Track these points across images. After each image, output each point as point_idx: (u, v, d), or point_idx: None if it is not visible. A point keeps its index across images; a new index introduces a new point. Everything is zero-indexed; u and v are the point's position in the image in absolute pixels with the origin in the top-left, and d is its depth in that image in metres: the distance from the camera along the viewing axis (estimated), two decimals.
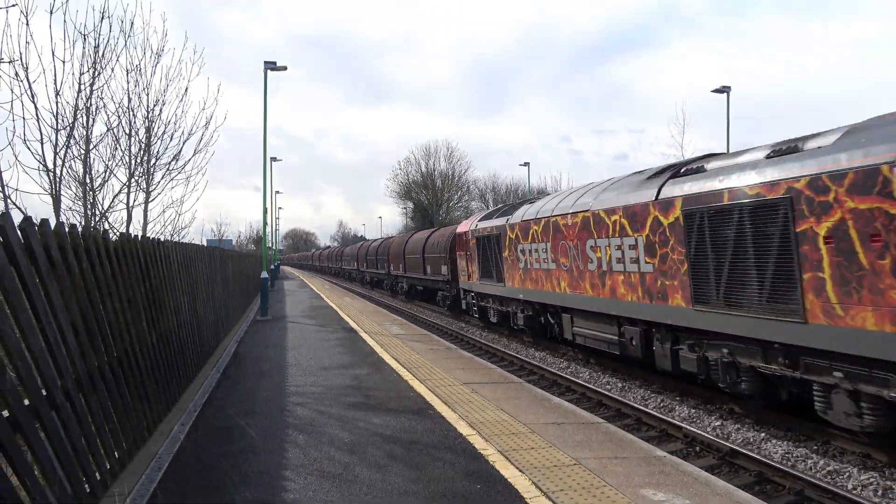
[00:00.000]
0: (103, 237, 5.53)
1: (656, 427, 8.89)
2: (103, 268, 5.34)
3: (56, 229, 4.50)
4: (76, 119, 9.57)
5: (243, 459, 5.61)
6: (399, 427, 6.67)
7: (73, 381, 4.35)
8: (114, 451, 5.06)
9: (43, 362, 3.88)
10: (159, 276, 7.46)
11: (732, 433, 8.52)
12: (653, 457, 5.89)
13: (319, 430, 6.60)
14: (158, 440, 6.18)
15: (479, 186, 71.54)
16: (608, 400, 10.32)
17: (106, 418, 4.96)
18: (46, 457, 3.73)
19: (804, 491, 6.42)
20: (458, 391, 8.50)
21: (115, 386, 5.24)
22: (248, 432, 6.50)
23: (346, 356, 11.58)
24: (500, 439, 6.22)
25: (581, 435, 6.52)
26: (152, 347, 6.72)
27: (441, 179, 69.19)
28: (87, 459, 4.39)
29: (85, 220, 10.05)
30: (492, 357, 14.94)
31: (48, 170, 9.08)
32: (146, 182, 11.84)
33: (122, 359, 5.55)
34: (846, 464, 7.18)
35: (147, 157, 11.74)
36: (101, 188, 10.64)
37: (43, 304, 4.01)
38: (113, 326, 5.42)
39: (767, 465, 6.99)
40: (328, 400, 8.01)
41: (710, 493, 4.89)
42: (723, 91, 28.34)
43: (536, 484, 4.98)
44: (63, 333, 4.29)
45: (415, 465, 5.43)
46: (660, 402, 10.33)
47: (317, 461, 5.55)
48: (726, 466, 7.34)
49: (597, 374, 12.78)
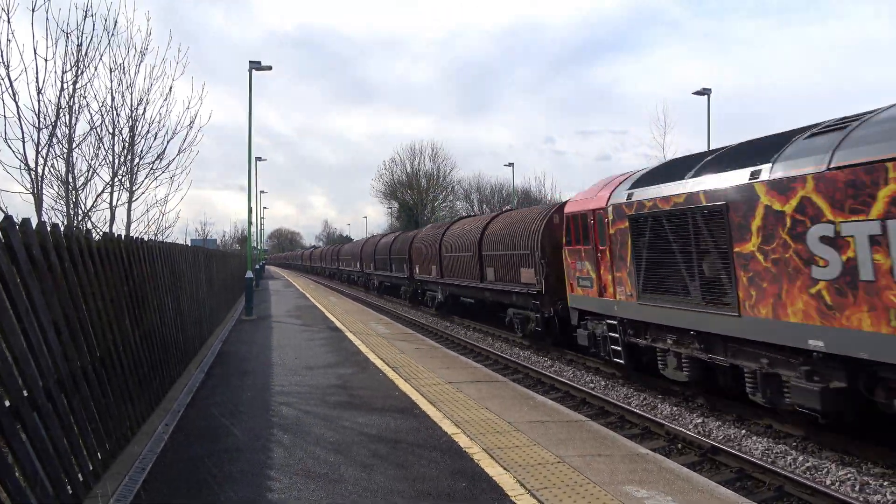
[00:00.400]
0: (86, 237, 5.49)
1: (639, 425, 8.97)
2: (86, 267, 5.30)
3: (38, 229, 4.46)
4: (59, 117, 9.47)
5: (228, 459, 5.59)
6: (384, 426, 6.68)
7: (55, 381, 4.32)
8: (97, 451, 5.02)
9: (24, 362, 3.85)
10: (143, 275, 7.41)
11: (714, 430, 8.63)
12: (636, 454, 5.95)
13: (305, 429, 6.59)
14: (142, 440, 6.14)
15: (464, 186, 71.78)
16: (592, 398, 10.40)
17: (88, 418, 4.92)
18: (28, 458, 3.70)
19: (784, 487, 6.53)
20: (443, 390, 8.53)
21: (97, 386, 5.20)
22: (232, 432, 6.48)
23: (332, 355, 11.56)
24: (484, 438, 6.26)
25: (565, 433, 6.57)
26: (136, 347, 6.67)
27: (426, 179, 69.18)
28: (69, 460, 4.36)
29: (67, 220, 9.95)
30: (476, 356, 14.98)
31: (30, 169, 8.97)
32: (130, 181, 11.73)
33: (104, 358, 5.51)
34: (825, 460, 7.31)
35: (130, 156, 11.62)
36: (83, 187, 10.53)
37: (24, 304, 3.97)
38: (95, 326, 5.38)
39: (748, 461, 7.10)
40: (313, 399, 8.00)
41: (691, 489, 4.96)
42: (703, 93, 28.62)
43: (521, 482, 5.02)
44: (45, 333, 4.26)
45: (400, 464, 5.44)
46: (642, 400, 10.43)
47: (302, 461, 5.55)
48: (708, 463, 7.44)
49: (580, 372, 12.86)
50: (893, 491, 6.33)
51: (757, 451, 7.75)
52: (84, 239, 5.40)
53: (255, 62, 20.73)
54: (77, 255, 5.12)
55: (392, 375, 9.52)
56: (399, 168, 70.51)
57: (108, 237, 6.32)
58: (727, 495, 4.90)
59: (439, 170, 69.43)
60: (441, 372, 9.99)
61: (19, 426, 3.67)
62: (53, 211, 9.96)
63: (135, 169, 11.77)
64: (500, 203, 66.41)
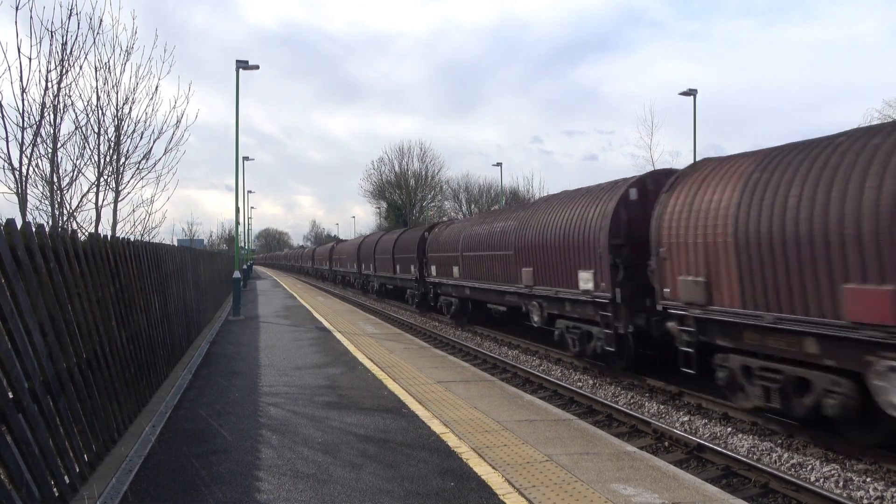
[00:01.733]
0: (71, 237, 5.45)
1: (626, 423, 9.03)
2: (71, 268, 5.26)
3: (22, 229, 4.43)
4: (43, 117, 9.40)
5: (216, 460, 5.57)
6: (373, 426, 6.68)
7: (41, 383, 4.29)
8: (83, 453, 4.99)
9: (9, 364, 3.82)
10: (129, 275, 7.36)
11: (700, 428, 8.70)
12: (623, 452, 5.99)
13: (293, 430, 6.58)
14: (129, 442, 6.10)
15: (453, 186, 71.72)
16: (580, 397, 10.45)
17: (75, 420, 4.89)
18: (13, 460, 3.67)
19: (769, 483, 6.60)
20: (432, 389, 8.54)
21: (83, 387, 5.17)
22: (220, 433, 6.46)
23: (320, 356, 11.54)
24: (473, 437, 6.28)
25: (553, 431, 6.60)
26: (122, 348, 6.63)
27: (414, 179, 69.12)
28: (55, 462, 4.34)
29: (52, 220, 9.86)
30: (465, 355, 15.00)
31: (14, 168, 8.90)
32: (115, 181, 11.66)
33: (91, 359, 5.48)
34: (809, 457, 7.39)
35: (116, 155, 11.56)
36: (69, 187, 10.46)
37: (9, 305, 3.94)
38: (82, 327, 5.34)
39: (734, 458, 7.17)
40: (302, 400, 7.98)
41: (678, 486, 5.00)
42: (690, 94, 28.83)
43: (509, 480, 5.04)
44: (30, 334, 4.23)
45: (389, 464, 5.45)
46: (630, 398, 10.50)
47: (290, 461, 5.54)
48: (694, 460, 7.50)
49: (568, 371, 12.92)
50: (876, 487, 6.42)
51: (743, 449, 7.82)
52: (70, 239, 5.36)
53: (243, 61, 20.64)
54: (63, 255, 5.08)
55: (381, 375, 9.52)
56: (387, 168, 70.45)
57: (95, 237, 6.28)
58: (713, 492, 4.94)
59: (428, 169, 69.44)
60: (430, 371, 10.00)
61: (4, 428, 3.64)
62: (38, 211, 9.89)
63: (121, 169, 11.72)
64: (488, 203, 66.48)
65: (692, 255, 9.01)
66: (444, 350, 14.98)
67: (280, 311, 21.24)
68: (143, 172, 12.06)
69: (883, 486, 6.42)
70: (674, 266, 9.46)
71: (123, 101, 11.42)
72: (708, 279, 8.74)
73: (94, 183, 11.03)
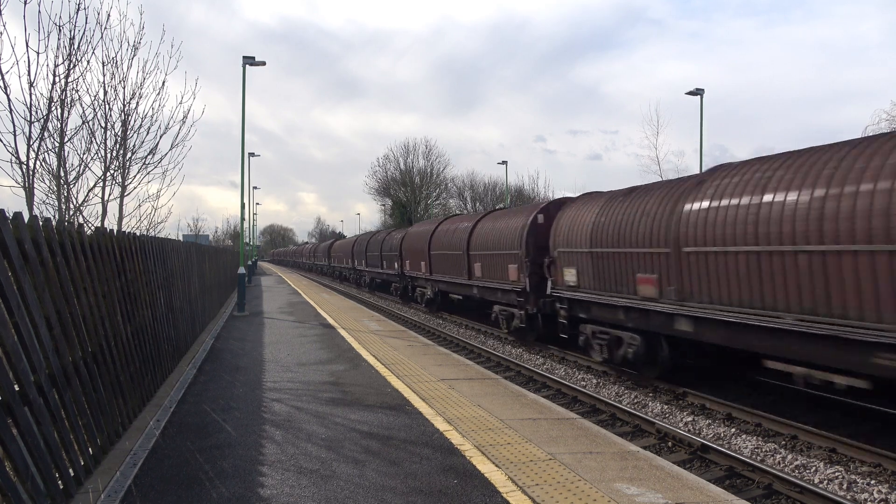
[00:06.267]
0: (78, 231, 5.46)
1: (630, 423, 9.02)
2: (78, 262, 5.28)
3: (29, 223, 4.44)
4: (50, 111, 9.42)
5: (219, 455, 5.59)
6: (376, 423, 6.69)
7: (47, 376, 4.31)
8: (88, 447, 5.01)
9: (16, 357, 3.83)
10: (135, 270, 7.38)
11: (704, 428, 8.68)
12: (626, 452, 5.99)
13: (296, 425, 6.60)
14: (133, 436, 6.13)
15: (457, 184, 71.65)
16: (583, 396, 10.44)
17: (80, 414, 4.91)
18: (19, 453, 3.69)
19: (773, 485, 6.58)
20: (436, 387, 8.54)
21: (89, 381, 5.19)
22: (224, 428, 6.48)
23: (324, 352, 11.56)
24: (476, 435, 6.28)
25: (556, 430, 6.60)
26: (127, 342, 6.65)
27: (420, 177, 69.08)
28: (60, 456, 4.35)
29: (59, 214, 9.89)
30: (469, 353, 15.01)
31: (21, 162, 8.93)
32: (122, 176, 11.69)
33: (96, 353, 5.50)
34: (813, 458, 7.37)
35: (123, 150, 11.58)
36: (75, 182, 10.49)
37: (16, 298, 3.95)
38: (87, 321, 5.36)
39: (737, 459, 7.15)
40: (305, 396, 8.00)
41: (681, 486, 4.99)
42: (696, 93, 28.69)
43: (513, 479, 5.04)
44: (36, 328, 4.24)
45: (392, 461, 5.46)
46: (633, 398, 10.48)
47: (293, 457, 5.55)
48: (698, 461, 7.49)
49: (572, 370, 12.91)
50: (881, 490, 6.40)
51: (746, 450, 7.81)
52: (76, 234, 5.38)
53: (249, 57, 20.65)
54: (69, 249, 5.09)
55: (384, 372, 9.53)
56: (393, 165, 70.44)
57: (101, 232, 6.29)
58: (717, 493, 4.93)
59: (433, 167, 69.38)
60: (433, 369, 10.00)
61: (10, 421, 3.65)
62: (44, 205, 9.93)
63: (127, 163, 11.74)
64: (493, 201, 66.40)
65: (570, 256, 13.16)
66: (447, 348, 14.99)
67: (284, 308, 21.28)
68: (149, 167, 12.10)
69: (887, 489, 6.39)
70: (560, 264, 13.70)
71: (130, 96, 11.46)
72: (577, 272, 12.88)
73: (100, 177, 11.06)
